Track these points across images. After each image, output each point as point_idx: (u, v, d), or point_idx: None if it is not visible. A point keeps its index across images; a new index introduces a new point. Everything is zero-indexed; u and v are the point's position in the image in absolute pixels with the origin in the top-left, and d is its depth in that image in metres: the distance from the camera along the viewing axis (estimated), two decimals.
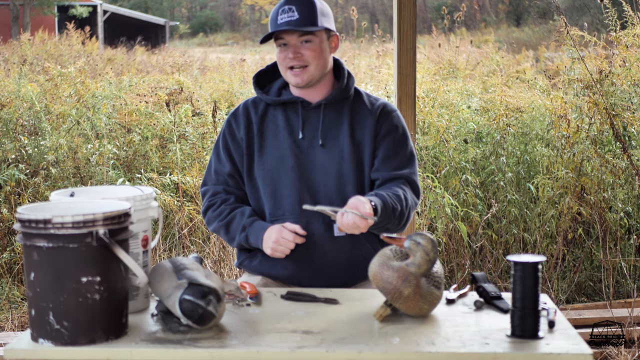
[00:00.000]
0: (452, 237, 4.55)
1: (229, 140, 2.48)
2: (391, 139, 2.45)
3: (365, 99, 2.50)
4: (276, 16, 2.38)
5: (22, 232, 1.78)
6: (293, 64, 2.39)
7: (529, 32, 22.37)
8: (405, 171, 2.44)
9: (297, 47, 2.38)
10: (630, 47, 5.02)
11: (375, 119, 2.46)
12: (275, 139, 2.44)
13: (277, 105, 2.47)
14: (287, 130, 2.44)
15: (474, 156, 5.07)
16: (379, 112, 2.47)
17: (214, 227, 2.50)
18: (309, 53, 2.39)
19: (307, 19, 2.37)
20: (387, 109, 2.49)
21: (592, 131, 4.78)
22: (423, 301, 1.93)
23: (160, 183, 5.08)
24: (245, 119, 2.48)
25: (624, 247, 4.76)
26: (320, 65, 2.41)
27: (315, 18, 2.38)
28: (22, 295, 4.57)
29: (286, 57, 2.39)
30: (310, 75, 2.40)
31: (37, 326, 1.78)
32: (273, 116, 2.46)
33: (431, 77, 6.10)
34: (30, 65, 9.29)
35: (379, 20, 27.37)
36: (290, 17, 2.36)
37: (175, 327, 1.86)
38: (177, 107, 5.80)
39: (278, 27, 2.37)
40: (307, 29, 2.36)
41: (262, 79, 2.54)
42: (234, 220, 2.43)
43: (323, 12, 2.42)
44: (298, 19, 2.36)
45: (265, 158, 2.43)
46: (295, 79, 2.40)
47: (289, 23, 2.36)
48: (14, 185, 5.03)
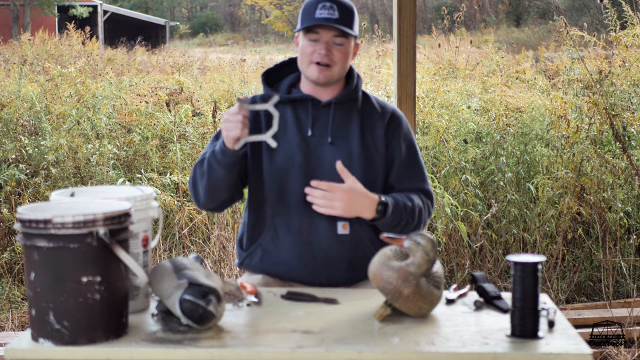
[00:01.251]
0: (452, 237, 4.55)
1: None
2: (403, 152, 2.49)
3: (375, 103, 2.53)
4: (314, 9, 2.39)
5: (22, 232, 1.78)
6: (322, 61, 2.39)
7: (529, 32, 22.38)
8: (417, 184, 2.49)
9: (329, 45, 2.40)
10: (630, 47, 5.02)
11: (385, 123, 2.48)
12: (283, 135, 2.43)
13: (287, 102, 2.48)
14: (296, 127, 2.44)
15: (474, 156, 5.07)
16: (389, 118, 2.50)
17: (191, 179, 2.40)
18: (338, 54, 2.41)
19: (346, 21, 2.40)
20: (396, 115, 2.53)
21: (592, 131, 4.79)
22: (423, 301, 1.93)
23: (160, 183, 5.09)
24: (253, 111, 2.47)
25: (624, 247, 4.76)
26: (343, 68, 2.45)
27: (353, 23, 2.42)
28: (23, 295, 4.57)
29: (315, 52, 2.40)
30: (333, 74, 2.42)
31: (38, 326, 1.79)
32: (282, 113, 2.46)
33: (431, 77, 6.11)
34: (31, 65, 9.30)
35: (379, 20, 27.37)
36: (331, 15, 2.37)
37: (175, 327, 1.86)
38: (177, 107, 5.81)
39: (318, 21, 2.37)
40: (347, 30, 2.38)
41: (270, 78, 2.55)
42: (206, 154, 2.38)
43: (356, 19, 2.47)
44: (338, 19, 2.38)
45: (273, 153, 2.43)
46: (318, 75, 2.41)
47: (329, 20, 2.37)
48: (14, 185, 5.04)
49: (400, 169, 2.48)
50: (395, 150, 2.48)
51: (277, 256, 2.42)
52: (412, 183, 2.48)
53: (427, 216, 2.48)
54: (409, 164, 2.49)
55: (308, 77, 2.45)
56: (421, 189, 2.49)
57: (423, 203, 2.46)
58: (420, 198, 2.46)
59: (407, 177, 2.48)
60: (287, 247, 2.41)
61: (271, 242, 2.43)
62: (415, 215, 2.41)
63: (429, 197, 2.50)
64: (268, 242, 2.43)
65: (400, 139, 2.49)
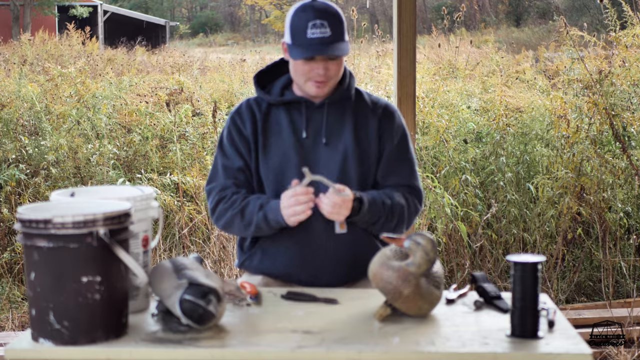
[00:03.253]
0: (452, 237, 4.55)
1: (235, 137, 2.46)
2: (396, 144, 2.47)
3: (367, 99, 2.51)
4: (305, 29, 2.34)
5: (22, 232, 1.78)
6: (320, 79, 2.38)
7: (529, 32, 22.38)
8: (405, 179, 2.47)
9: (326, 62, 2.37)
10: (629, 47, 5.02)
11: (377, 119, 2.47)
12: (278, 137, 2.43)
13: (280, 104, 2.47)
14: (291, 129, 2.44)
15: (474, 156, 5.08)
16: (382, 113, 2.48)
17: (226, 218, 2.41)
18: (335, 68, 2.39)
19: (338, 36, 2.36)
20: (389, 109, 2.51)
21: (592, 131, 4.79)
22: (423, 301, 1.93)
23: (160, 183, 5.09)
24: (250, 115, 2.47)
25: (624, 247, 4.76)
26: (339, 76, 2.44)
27: (344, 33, 2.38)
28: (23, 295, 4.57)
29: (312, 71, 2.36)
30: (331, 86, 2.42)
31: (38, 326, 1.79)
32: (276, 115, 2.46)
33: (431, 77, 6.11)
34: (31, 65, 9.30)
35: (379, 20, 27.37)
36: (324, 34, 2.33)
37: (175, 327, 1.86)
38: (177, 107, 5.81)
39: (312, 46, 2.32)
40: (341, 50, 2.35)
41: (262, 79, 2.54)
42: (249, 204, 2.38)
43: (345, 25, 2.43)
44: (331, 36, 2.34)
45: (269, 157, 2.43)
46: (317, 91, 2.39)
47: (323, 40, 2.33)
48: (14, 185, 5.04)
49: (388, 162, 2.45)
50: (386, 142, 2.46)
51: (276, 257, 2.42)
52: (400, 178, 2.46)
53: (411, 214, 2.45)
54: (398, 157, 2.47)
55: (306, 92, 2.43)
56: (409, 184, 2.47)
57: (407, 201, 2.42)
58: (405, 196, 2.43)
59: (395, 171, 2.45)
60: (286, 248, 2.41)
61: (270, 243, 2.43)
62: (395, 213, 2.38)
63: (417, 195, 2.47)
64: (267, 243, 2.44)
65: (392, 131, 2.47)
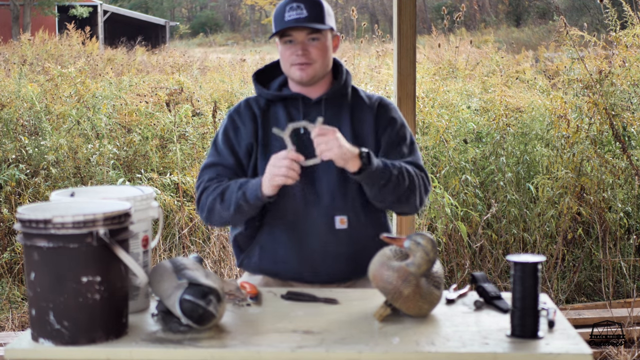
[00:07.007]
0: (452, 237, 4.55)
1: (231, 135, 2.47)
2: (391, 131, 2.48)
3: (363, 95, 2.54)
4: (283, 13, 2.39)
5: (22, 232, 1.78)
6: (301, 61, 2.40)
7: (529, 32, 22.38)
8: (409, 159, 2.45)
9: (305, 44, 2.40)
10: (630, 47, 5.02)
11: (374, 113, 2.49)
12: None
13: (278, 101, 2.49)
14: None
15: (474, 156, 5.07)
16: (377, 106, 2.51)
17: (208, 205, 2.38)
18: (315, 51, 2.40)
19: (315, 17, 2.38)
20: (383, 102, 2.53)
21: (592, 131, 4.79)
22: (423, 301, 1.93)
23: (160, 183, 5.09)
24: (250, 113, 2.48)
25: (624, 247, 4.76)
26: (325, 63, 2.44)
27: (323, 17, 2.41)
28: (23, 295, 4.57)
29: (293, 54, 2.40)
30: (315, 71, 2.42)
31: (38, 326, 1.79)
32: (274, 112, 2.48)
33: (431, 77, 6.11)
34: (31, 65, 9.29)
35: (379, 20, 27.37)
36: (299, 15, 2.37)
37: (175, 327, 1.86)
38: (177, 107, 5.81)
39: (287, 23, 2.37)
40: (318, 26, 2.37)
41: (261, 78, 2.56)
42: (229, 187, 2.37)
43: (328, 11, 2.45)
44: (307, 17, 2.37)
45: (268, 152, 2.43)
46: (300, 74, 2.41)
47: (298, 20, 2.37)
48: (14, 185, 5.04)
49: (389, 148, 2.44)
50: (384, 133, 2.46)
51: (275, 253, 2.42)
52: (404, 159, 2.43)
53: (421, 186, 2.40)
54: (399, 143, 2.46)
55: (292, 79, 2.46)
56: (413, 163, 2.43)
57: (416, 174, 2.38)
58: (414, 169, 2.39)
59: (397, 155, 2.44)
60: (285, 244, 2.40)
61: (269, 239, 2.43)
62: (404, 176, 2.33)
63: (423, 171, 2.44)
64: (265, 240, 2.43)
65: (389, 122, 2.48)
